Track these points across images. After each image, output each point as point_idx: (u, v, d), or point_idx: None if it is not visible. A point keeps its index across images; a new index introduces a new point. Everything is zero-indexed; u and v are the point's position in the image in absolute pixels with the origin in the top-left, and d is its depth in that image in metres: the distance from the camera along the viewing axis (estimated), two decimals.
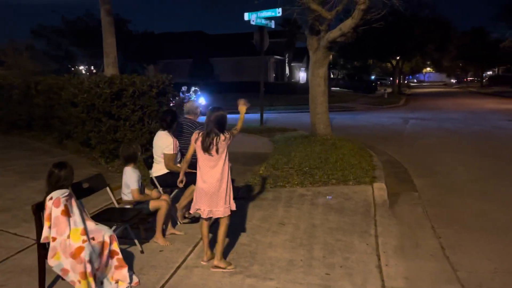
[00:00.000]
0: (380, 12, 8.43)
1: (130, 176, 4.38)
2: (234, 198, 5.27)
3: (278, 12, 11.98)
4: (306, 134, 11.02)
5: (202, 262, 3.90)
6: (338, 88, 42.18)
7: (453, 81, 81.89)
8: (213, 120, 3.77)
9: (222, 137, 3.73)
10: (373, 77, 52.10)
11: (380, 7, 8.74)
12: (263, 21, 12.97)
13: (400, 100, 31.14)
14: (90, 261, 3.21)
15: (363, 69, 48.46)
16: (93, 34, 29.26)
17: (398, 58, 41.24)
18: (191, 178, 5.00)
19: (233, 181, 6.14)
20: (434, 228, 5.01)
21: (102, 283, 3.36)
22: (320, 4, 9.25)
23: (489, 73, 67.41)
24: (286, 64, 45.37)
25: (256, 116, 14.54)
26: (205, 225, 3.91)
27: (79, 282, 3.17)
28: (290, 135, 11.36)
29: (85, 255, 3.18)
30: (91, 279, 3.21)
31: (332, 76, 49.33)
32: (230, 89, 34.90)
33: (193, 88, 20.62)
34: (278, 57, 41.78)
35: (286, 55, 43.62)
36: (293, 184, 6.59)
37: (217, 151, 3.71)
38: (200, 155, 3.79)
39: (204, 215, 3.79)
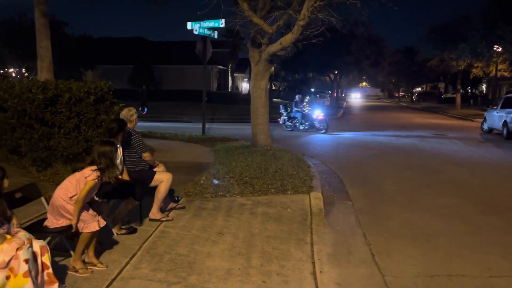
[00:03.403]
0: (318, 29, 8.82)
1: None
2: (173, 208, 5.28)
3: (221, 23, 12.11)
4: (247, 144, 11.18)
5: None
6: (279, 100, 43.04)
7: (383, 95, 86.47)
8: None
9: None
10: (313, 89, 53.76)
11: (319, 24, 9.13)
12: (206, 31, 13.04)
13: (338, 112, 32.41)
14: (28, 261, 3.13)
15: (303, 81, 49.89)
16: (26, 35, 27.73)
17: (336, 72, 42.99)
18: (130, 190, 4.94)
19: (172, 191, 6.15)
20: (365, 236, 5.29)
21: None
22: (262, 18, 9.50)
23: (419, 89, 72.08)
24: (229, 74, 45.67)
25: (198, 125, 14.52)
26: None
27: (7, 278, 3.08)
28: (232, 145, 11.46)
29: (23, 254, 3.12)
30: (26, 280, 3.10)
31: (273, 88, 50.35)
32: (172, 97, 34.51)
33: (307, 98, 18.62)
34: (221, 67, 41.97)
35: (229, 65, 43.94)
36: (233, 193, 6.66)
37: None
38: None
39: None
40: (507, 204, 6.94)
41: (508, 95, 18.77)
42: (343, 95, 62.03)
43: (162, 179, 5.34)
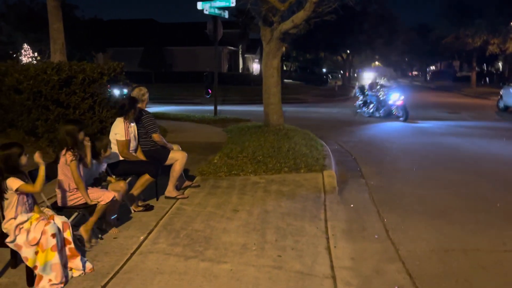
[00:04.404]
0: (331, 6, 8.69)
1: None
2: (188, 186, 5.35)
3: (232, 2, 11.99)
4: (260, 124, 11.18)
5: None
6: (291, 80, 42.74)
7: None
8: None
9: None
10: (324, 70, 53.19)
11: (332, 1, 8.99)
12: (217, 11, 12.92)
13: (350, 92, 32.10)
14: (55, 236, 3.27)
15: (315, 61, 49.40)
16: (37, 19, 27.77)
17: (348, 51, 42.39)
18: (146, 167, 5.02)
19: (187, 170, 6.22)
20: (379, 212, 5.31)
21: None
22: None
23: (432, 68, 70.84)
24: (240, 55, 45.35)
25: (209, 108, 14.54)
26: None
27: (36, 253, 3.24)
28: (244, 126, 11.47)
29: (50, 229, 3.26)
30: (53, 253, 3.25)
31: (285, 68, 49.92)
32: (184, 79, 34.49)
33: (383, 79, 16.32)
34: (232, 48, 41.67)
35: (240, 46, 43.58)
36: (247, 172, 6.70)
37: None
38: None
39: None
40: None
41: None
42: (356, 75, 61.32)
43: (177, 157, 5.40)
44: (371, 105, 15.70)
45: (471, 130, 12.60)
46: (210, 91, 22.50)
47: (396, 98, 14.57)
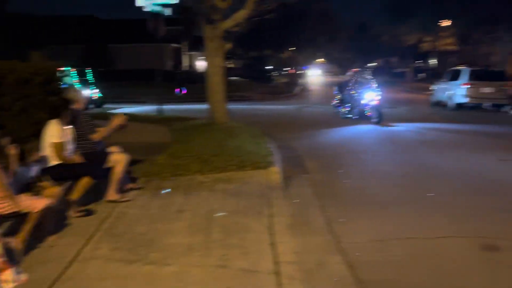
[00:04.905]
0: (271, 4, 8.81)
1: None
2: (131, 189, 5.22)
3: None
4: (205, 123, 11.10)
5: None
6: (237, 78, 42.78)
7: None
8: None
9: None
10: (270, 67, 53.76)
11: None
12: (158, 8, 12.64)
13: (295, 89, 32.73)
14: None
15: (261, 59, 49.76)
16: None
17: (293, 49, 43.14)
18: (85, 170, 4.83)
19: (130, 172, 6.06)
20: (322, 206, 5.47)
21: None
22: None
23: (373, 64, 73.79)
24: (185, 53, 44.76)
25: (154, 106, 14.24)
26: None
27: None
28: (189, 124, 11.35)
29: None
30: None
31: (231, 65, 49.88)
32: (127, 78, 33.44)
33: (360, 75, 14.15)
34: (176, 45, 41.04)
35: (185, 43, 43.01)
36: (193, 172, 6.63)
37: None
38: None
39: None
40: (457, 170, 7.36)
41: (454, 68, 19.61)
42: (301, 71, 62.52)
43: (118, 159, 5.25)
44: (347, 105, 14.24)
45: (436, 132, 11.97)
46: (180, 90, 21.78)
47: (370, 97, 12.94)
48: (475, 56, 34.63)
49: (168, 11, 13.02)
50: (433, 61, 53.35)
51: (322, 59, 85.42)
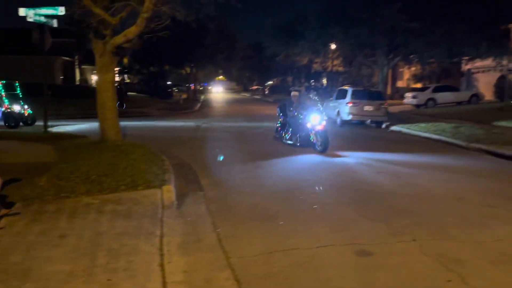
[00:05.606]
0: (163, 22, 8.80)
1: None
2: (5, 215, 4.78)
3: (61, 10, 11.18)
4: (96, 141, 10.60)
5: None
6: (134, 93, 41.53)
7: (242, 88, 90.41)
8: None
9: None
10: (169, 82, 53.11)
11: (166, 17, 9.11)
12: (43, 19, 11.88)
13: (195, 105, 32.77)
14: None
15: (159, 74, 48.97)
16: None
17: (192, 65, 43.23)
18: None
19: (5, 196, 5.55)
20: (214, 223, 5.54)
21: None
22: (103, 8, 9.05)
23: (270, 82, 77.05)
24: (76, 66, 42.30)
25: (41, 123, 13.22)
26: None
27: None
28: (78, 142, 10.74)
29: None
30: None
31: (127, 80, 48.33)
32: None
33: (305, 94, 12.85)
34: (67, 58, 38.60)
35: (76, 57, 40.70)
36: (79, 193, 6.28)
37: None
38: None
39: None
40: (341, 183, 7.98)
41: (340, 88, 21.38)
42: (202, 88, 62.71)
43: None
44: (290, 130, 12.30)
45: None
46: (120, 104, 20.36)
47: (315, 121, 11.19)
48: (360, 77, 38.17)
49: (54, 23, 12.33)
50: (323, 81, 57.51)
51: (222, 77, 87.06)
